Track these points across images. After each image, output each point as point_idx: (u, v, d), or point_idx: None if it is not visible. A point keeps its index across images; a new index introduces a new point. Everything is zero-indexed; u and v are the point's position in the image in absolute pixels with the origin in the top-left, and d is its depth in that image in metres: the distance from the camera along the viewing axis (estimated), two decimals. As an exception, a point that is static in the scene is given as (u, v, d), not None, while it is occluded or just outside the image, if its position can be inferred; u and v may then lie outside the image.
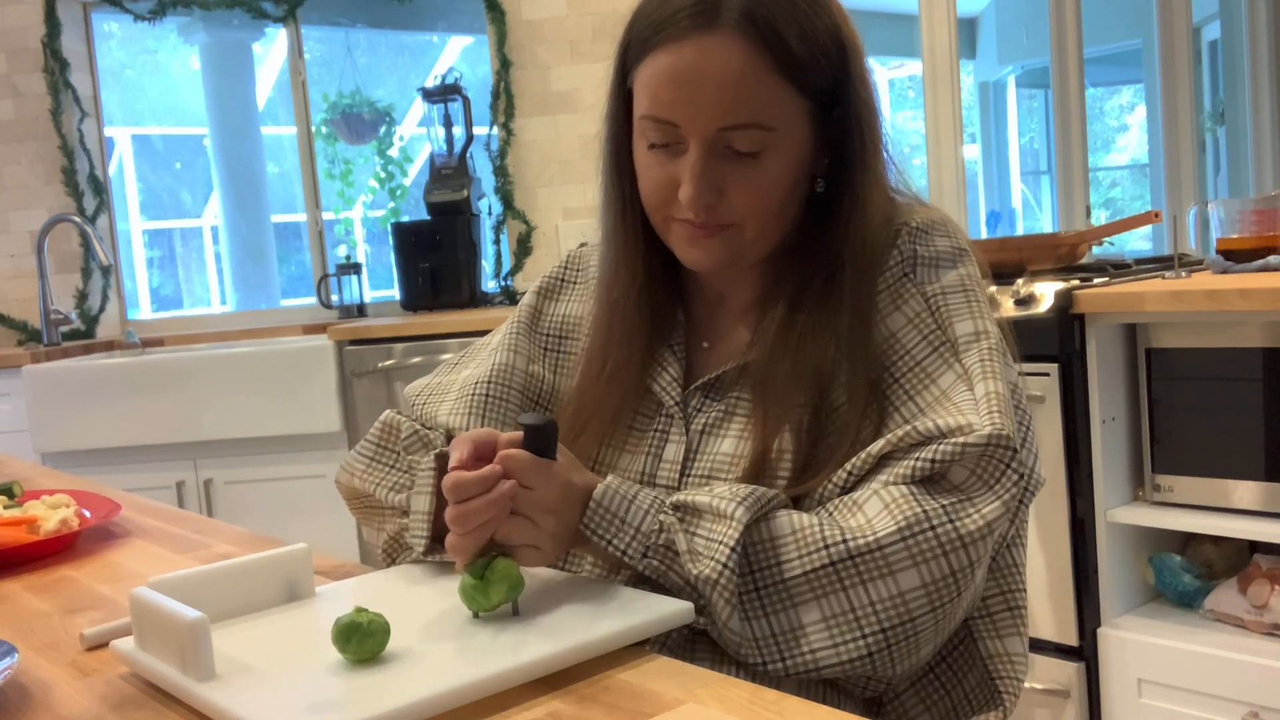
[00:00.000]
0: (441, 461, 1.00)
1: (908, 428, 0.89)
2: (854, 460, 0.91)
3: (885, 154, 1.03)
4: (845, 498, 0.90)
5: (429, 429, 1.08)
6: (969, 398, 0.90)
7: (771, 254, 1.03)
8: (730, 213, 0.98)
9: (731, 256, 1.01)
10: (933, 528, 0.85)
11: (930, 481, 0.88)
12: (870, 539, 0.85)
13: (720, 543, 0.85)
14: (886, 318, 0.97)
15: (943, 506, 0.86)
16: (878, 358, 0.96)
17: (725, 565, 0.84)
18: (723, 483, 0.91)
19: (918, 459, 0.88)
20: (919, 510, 0.86)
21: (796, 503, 0.93)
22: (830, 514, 0.89)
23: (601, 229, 1.09)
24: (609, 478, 0.92)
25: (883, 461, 0.90)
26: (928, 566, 0.85)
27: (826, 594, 0.86)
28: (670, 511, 0.90)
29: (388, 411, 1.10)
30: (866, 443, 0.93)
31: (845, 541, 0.85)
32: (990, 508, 0.87)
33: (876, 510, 0.87)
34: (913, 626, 0.86)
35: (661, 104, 0.96)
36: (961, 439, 0.87)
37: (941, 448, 0.87)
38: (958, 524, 0.86)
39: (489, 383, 1.11)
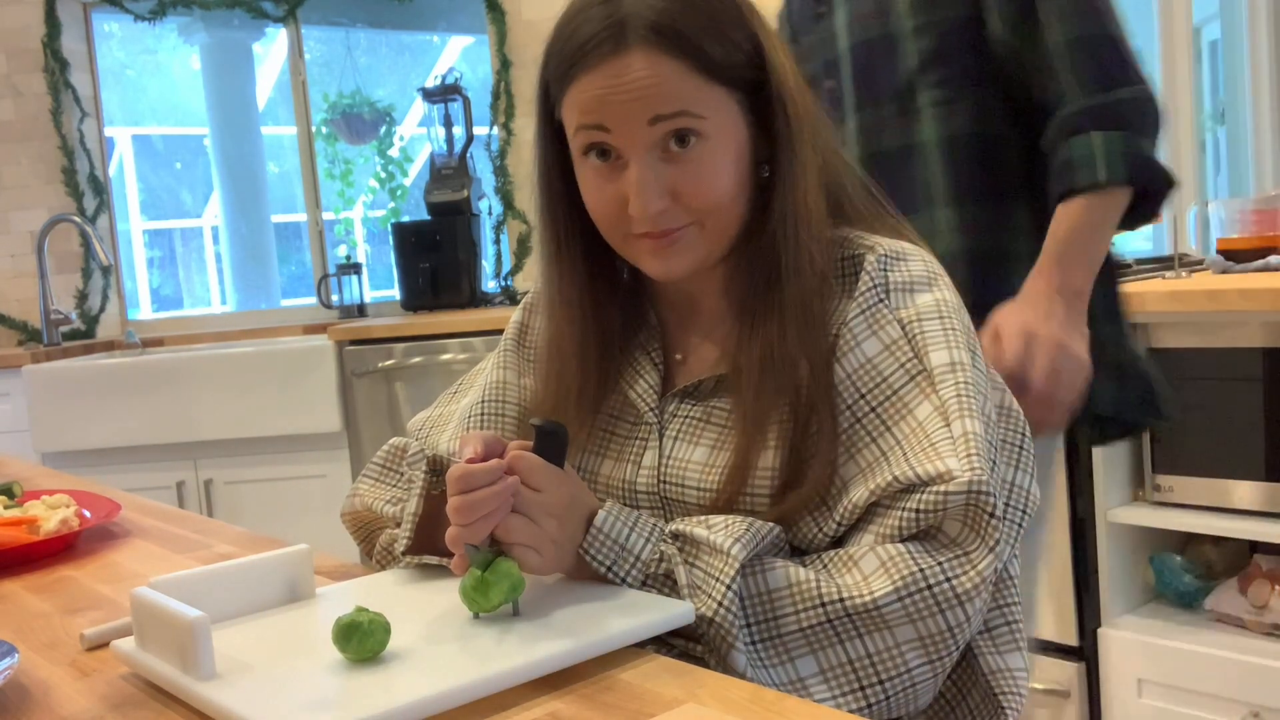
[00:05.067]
0: (434, 464, 1.00)
1: (889, 476, 0.89)
2: (840, 510, 0.92)
3: (822, 144, 1.02)
4: (840, 552, 0.90)
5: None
6: (946, 436, 0.90)
7: (731, 249, 1.02)
8: (684, 213, 0.97)
9: (696, 260, 1.00)
10: (929, 586, 0.86)
11: (926, 537, 0.89)
12: (868, 599, 0.85)
13: (716, 579, 0.86)
14: (862, 343, 0.96)
15: (939, 564, 0.87)
16: (849, 387, 0.95)
17: (721, 603, 0.85)
18: (719, 517, 0.91)
19: (904, 510, 0.88)
20: (915, 569, 0.86)
21: (782, 524, 0.93)
22: (825, 567, 0.90)
23: (540, 265, 1.10)
24: (609, 503, 0.92)
25: (870, 510, 0.91)
26: (924, 623, 0.86)
27: (823, 647, 0.87)
28: (670, 541, 0.91)
29: (394, 438, 1.11)
30: (837, 464, 0.93)
31: (842, 600, 0.86)
32: (985, 562, 0.88)
33: (873, 568, 0.87)
34: (910, 678, 0.87)
35: (591, 114, 0.96)
36: (942, 488, 0.87)
37: (924, 498, 0.87)
38: (954, 582, 0.86)
39: (483, 402, 1.13)
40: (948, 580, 0.86)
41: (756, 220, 1.01)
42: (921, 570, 0.86)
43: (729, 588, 0.85)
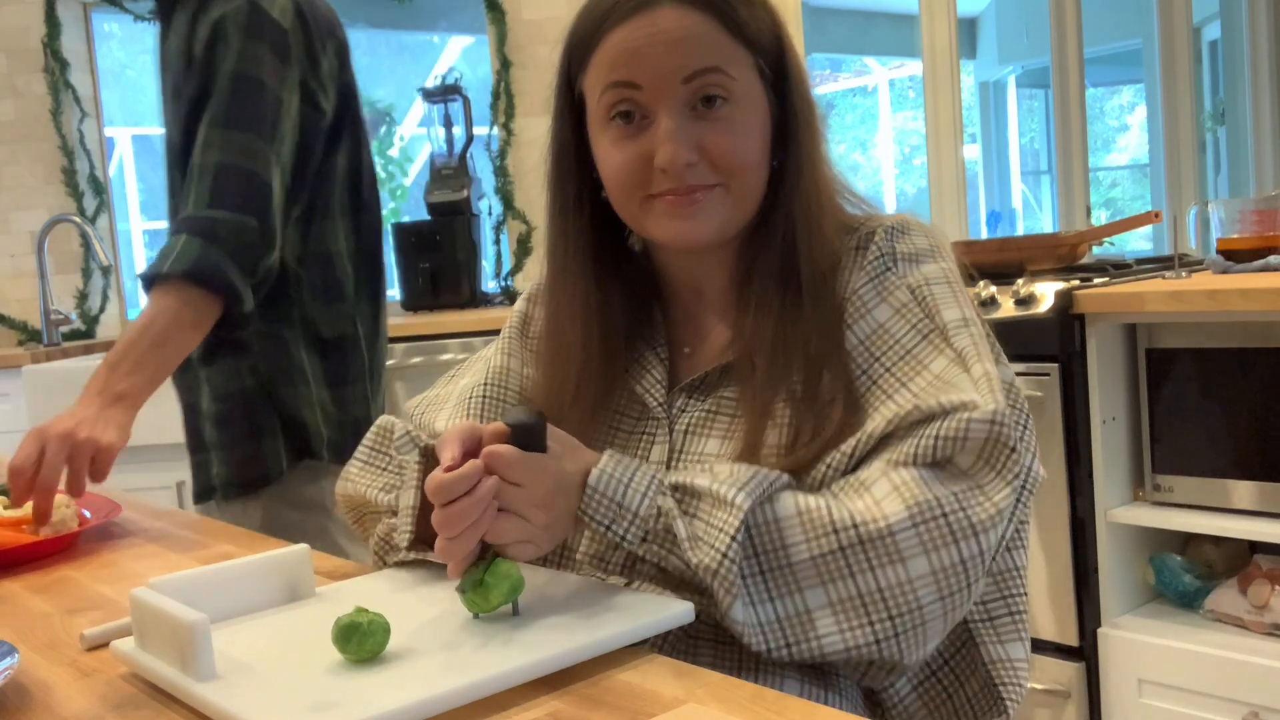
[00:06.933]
0: (427, 456, 0.99)
1: (910, 405, 0.88)
2: (854, 440, 0.90)
3: (825, 142, 1.04)
4: (850, 478, 0.89)
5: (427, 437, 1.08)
6: (966, 379, 0.90)
7: (740, 235, 1.03)
8: (711, 173, 0.98)
9: (717, 225, 1.00)
10: (944, 514, 0.84)
11: (938, 466, 0.87)
12: (881, 524, 0.83)
13: (721, 530, 0.84)
14: (873, 310, 0.97)
15: (954, 494, 0.85)
16: (862, 352, 0.96)
17: (725, 555, 0.83)
18: (725, 465, 0.90)
19: (922, 437, 0.87)
20: (930, 497, 0.84)
21: (792, 473, 0.92)
22: (836, 496, 0.88)
23: (546, 246, 1.10)
24: (604, 458, 0.90)
25: (885, 441, 0.89)
26: (938, 554, 0.84)
27: (834, 579, 0.84)
28: (669, 493, 0.89)
29: (384, 417, 1.11)
30: (856, 429, 0.92)
31: (856, 526, 0.84)
32: (1000, 495, 0.86)
33: (885, 492, 0.85)
34: (920, 615, 0.85)
35: (621, 69, 0.97)
36: (966, 415, 0.86)
37: (947, 424, 0.86)
38: (969, 512, 0.85)
39: (485, 385, 1.12)
40: (963, 510, 0.84)
41: (768, 205, 1.02)
42: (936, 498, 0.84)
43: (733, 539, 0.83)
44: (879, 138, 8.95)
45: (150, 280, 1.50)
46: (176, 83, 1.68)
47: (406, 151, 4.51)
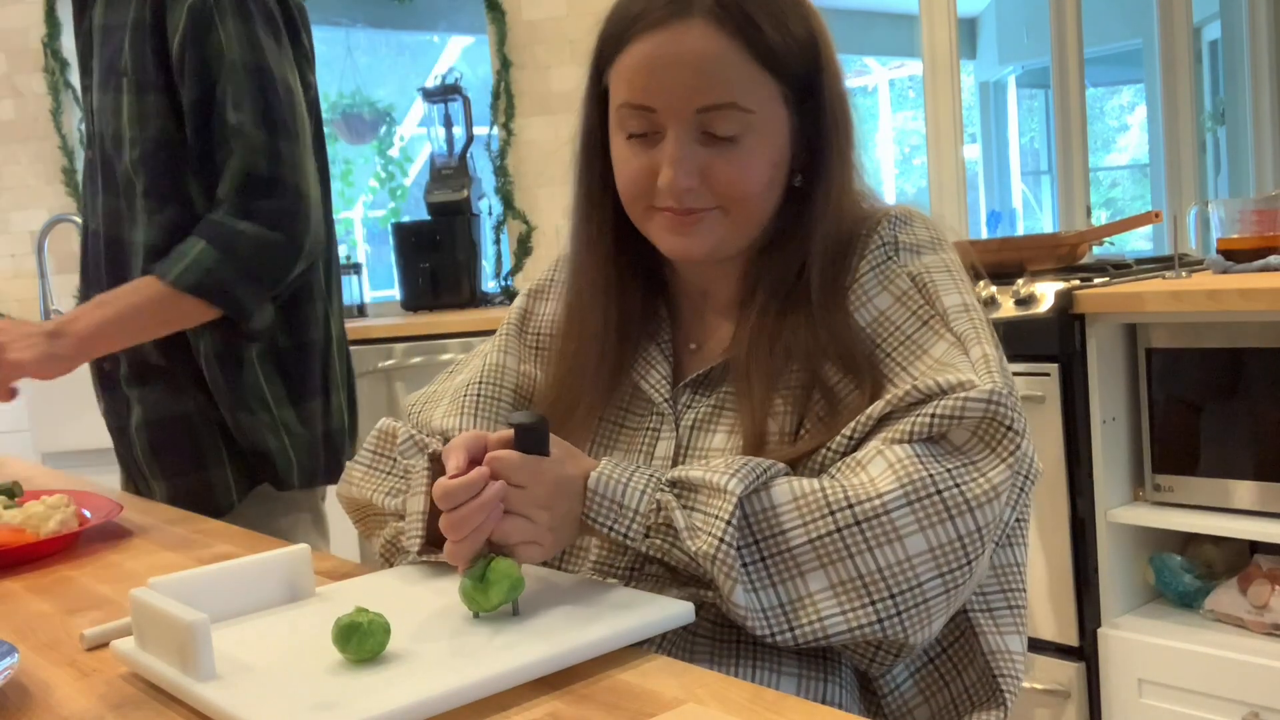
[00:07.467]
0: (435, 462, 1.00)
1: (908, 385, 0.89)
2: (854, 424, 0.91)
3: (856, 153, 1.04)
4: (848, 458, 0.90)
5: (426, 435, 1.08)
6: (965, 361, 0.91)
7: (750, 248, 1.04)
8: (710, 197, 0.99)
9: (714, 244, 1.01)
10: (939, 492, 0.84)
11: (932, 443, 0.88)
12: (876, 502, 0.84)
13: (716, 517, 0.85)
14: (874, 298, 0.98)
15: (948, 471, 0.85)
16: (866, 338, 0.97)
17: (721, 540, 0.84)
18: (720, 456, 0.91)
19: (919, 415, 0.88)
20: (925, 474, 0.85)
21: (793, 467, 0.92)
22: (832, 476, 0.89)
23: (570, 227, 1.11)
24: (603, 463, 0.92)
25: (883, 421, 0.90)
26: (934, 531, 0.84)
27: (834, 561, 0.84)
28: (667, 489, 0.90)
29: (384, 419, 1.11)
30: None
31: (851, 506, 0.84)
32: (995, 471, 0.86)
33: (880, 469, 0.86)
34: (921, 592, 0.85)
35: (638, 89, 0.98)
36: (963, 394, 0.87)
37: (944, 403, 0.87)
38: (963, 488, 0.85)
39: (480, 383, 1.13)
40: (957, 486, 0.85)
41: (788, 221, 1.02)
42: (930, 475, 0.85)
43: (729, 523, 0.84)
44: (879, 138, 8.94)
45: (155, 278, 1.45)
46: (113, 59, 1.54)
47: (406, 151, 4.51)
